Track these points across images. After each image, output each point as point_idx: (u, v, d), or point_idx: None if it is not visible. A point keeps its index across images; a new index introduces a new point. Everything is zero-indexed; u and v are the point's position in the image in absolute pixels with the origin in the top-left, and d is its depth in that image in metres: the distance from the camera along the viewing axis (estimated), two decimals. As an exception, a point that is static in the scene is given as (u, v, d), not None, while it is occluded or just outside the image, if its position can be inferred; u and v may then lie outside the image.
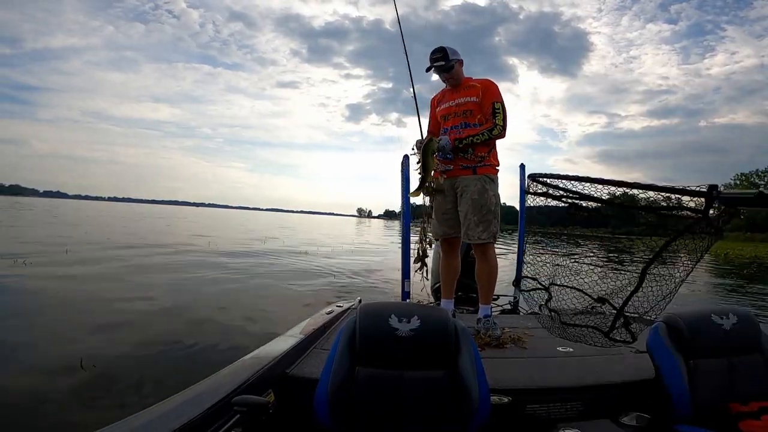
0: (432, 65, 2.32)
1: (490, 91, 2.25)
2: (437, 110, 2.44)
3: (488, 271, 2.26)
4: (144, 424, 0.96)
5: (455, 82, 2.35)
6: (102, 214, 34.89)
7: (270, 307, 4.93)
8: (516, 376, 1.53)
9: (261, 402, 1.10)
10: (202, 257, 9.45)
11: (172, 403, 1.06)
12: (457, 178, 2.27)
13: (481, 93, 2.26)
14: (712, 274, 13.11)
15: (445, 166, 2.30)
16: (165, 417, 0.99)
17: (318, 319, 2.09)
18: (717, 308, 1.46)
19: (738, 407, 1.30)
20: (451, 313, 1.34)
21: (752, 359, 1.40)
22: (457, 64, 2.32)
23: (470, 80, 2.36)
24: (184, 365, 2.95)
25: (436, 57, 2.30)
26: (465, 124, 2.28)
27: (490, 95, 2.25)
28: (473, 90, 2.30)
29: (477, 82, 2.33)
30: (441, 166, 2.28)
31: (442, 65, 2.28)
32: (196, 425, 0.99)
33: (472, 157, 2.24)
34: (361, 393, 1.14)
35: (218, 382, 1.23)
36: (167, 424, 0.95)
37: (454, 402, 1.15)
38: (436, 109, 2.45)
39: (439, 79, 2.40)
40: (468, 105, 2.29)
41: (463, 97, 2.31)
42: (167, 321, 4.05)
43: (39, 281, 5.51)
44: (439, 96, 2.46)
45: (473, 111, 2.27)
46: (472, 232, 2.20)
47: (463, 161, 2.25)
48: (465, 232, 2.24)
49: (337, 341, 1.20)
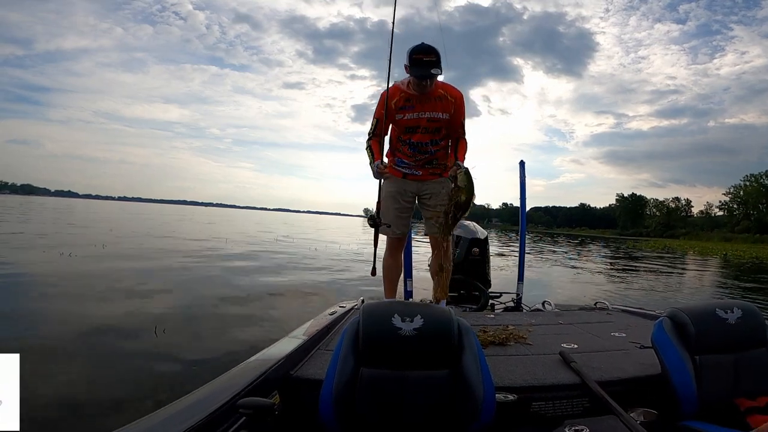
0: (422, 67, 2.04)
1: (461, 108, 2.22)
2: (400, 117, 2.21)
3: (447, 265, 2.34)
4: (149, 427, 0.96)
5: (428, 89, 2.13)
6: (115, 214, 35.52)
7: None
8: (521, 373, 1.52)
9: (266, 404, 1.11)
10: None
11: (177, 407, 1.07)
12: (425, 183, 2.33)
13: (454, 109, 2.19)
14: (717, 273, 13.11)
15: (413, 171, 2.32)
16: (170, 420, 0.99)
17: (321, 320, 2.09)
18: (721, 302, 1.45)
19: (746, 402, 1.29)
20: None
21: (758, 353, 1.39)
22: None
23: (438, 88, 2.17)
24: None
25: (431, 60, 2.04)
26: (434, 141, 2.25)
27: (461, 112, 2.22)
28: (445, 104, 2.18)
29: (448, 92, 2.18)
30: (407, 169, 2.32)
31: (435, 73, 2.05)
32: (201, 428, 0.99)
33: (437, 165, 2.33)
34: (366, 393, 1.14)
35: (223, 384, 1.23)
36: (172, 428, 0.95)
37: (459, 401, 1.14)
38: (397, 115, 2.21)
39: (406, 77, 2.15)
40: (439, 122, 2.21)
41: (435, 112, 2.18)
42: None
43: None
44: (401, 99, 2.19)
45: (441, 128, 2.23)
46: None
47: (433, 169, 2.33)
48: (437, 228, 2.23)
49: (341, 342, 1.20)
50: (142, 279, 6.04)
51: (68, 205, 55.82)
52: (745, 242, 47.45)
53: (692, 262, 19.86)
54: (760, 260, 22.36)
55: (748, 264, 19.21)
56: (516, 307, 3.08)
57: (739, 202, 73.33)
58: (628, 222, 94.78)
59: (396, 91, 2.20)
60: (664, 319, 1.46)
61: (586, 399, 1.42)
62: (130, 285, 5.56)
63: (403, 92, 2.19)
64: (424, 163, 2.30)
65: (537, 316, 2.56)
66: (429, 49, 2.05)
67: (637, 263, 13.71)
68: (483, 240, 3.29)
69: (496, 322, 2.30)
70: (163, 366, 2.93)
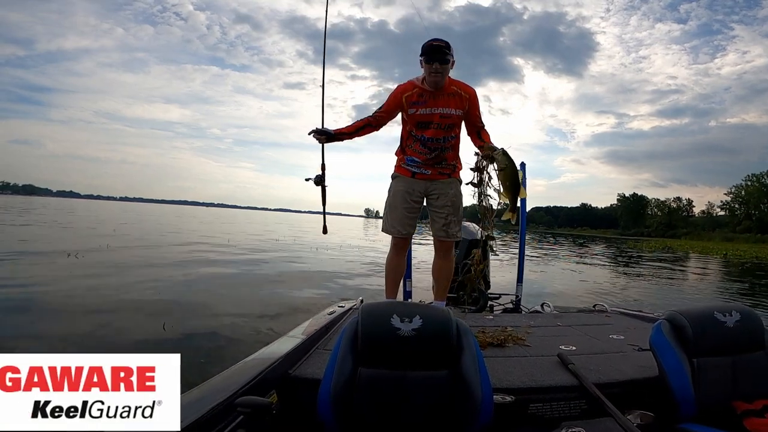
0: (434, 52, 2.10)
1: (475, 102, 2.25)
2: (412, 112, 2.22)
3: (450, 267, 2.40)
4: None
5: (440, 83, 2.15)
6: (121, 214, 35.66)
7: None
8: (519, 375, 1.52)
9: (264, 403, 1.11)
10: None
11: None
12: (433, 182, 2.33)
13: (469, 105, 2.22)
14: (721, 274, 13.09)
15: (422, 170, 2.32)
16: None
17: (320, 320, 2.10)
18: (720, 306, 1.46)
19: (743, 405, 1.30)
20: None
21: (756, 357, 1.39)
22: (452, 62, 2.15)
23: (452, 85, 2.20)
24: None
25: (440, 45, 2.10)
26: (446, 138, 2.26)
27: (476, 106, 2.25)
28: (459, 100, 2.20)
29: (462, 89, 2.21)
30: (417, 168, 2.32)
31: (447, 58, 2.10)
32: (199, 426, 0.99)
33: (446, 165, 2.33)
34: (364, 393, 1.14)
35: (221, 383, 1.23)
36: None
37: (457, 402, 1.15)
38: (410, 110, 2.22)
39: (423, 73, 2.17)
40: (452, 118, 2.22)
41: (448, 108, 2.19)
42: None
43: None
44: (414, 94, 2.21)
45: (455, 125, 2.25)
46: (452, 230, 2.31)
47: (442, 169, 2.33)
48: (443, 230, 2.31)
49: (339, 342, 1.20)
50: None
51: (70, 205, 56.03)
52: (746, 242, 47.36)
53: (692, 262, 19.84)
54: (760, 260, 22.35)
55: (748, 264, 19.19)
56: (515, 309, 3.07)
57: (740, 202, 73.16)
58: (629, 222, 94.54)
59: (410, 86, 2.23)
60: (662, 321, 1.46)
61: (583, 401, 1.42)
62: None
63: (416, 87, 2.21)
64: (434, 163, 2.30)
65: (536, 318, 2.57)
66: (440, 40, 2.12)
67: (629, 269, 13.64)
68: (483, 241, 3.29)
69: (495, 323, 2.30)
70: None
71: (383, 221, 2.41)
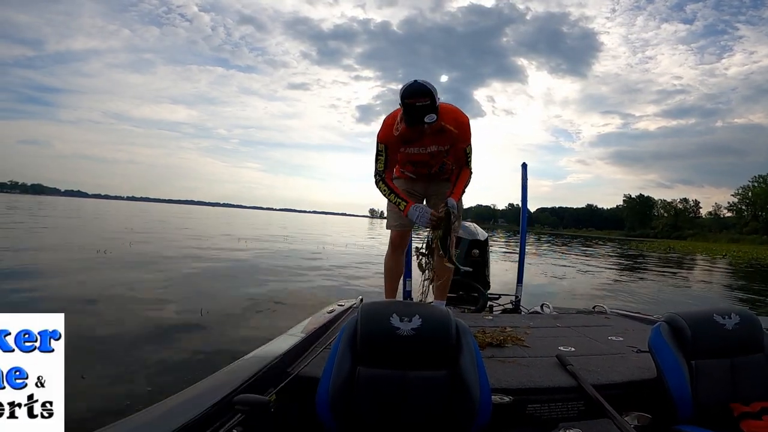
0: (414, 115, 1.80)
1: (464, 136, 2.10)
2: (402, 150, 2.10)
3: (449, 267, 2.31)
4: (144, 424, 0.96)
5: (427, 130, 1.94)
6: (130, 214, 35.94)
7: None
8: (517, 375, 1.52)
9: (262, 401, 1.11)
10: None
11: (172, 403, 1.07)
12: (433, 183, 2.34)
13: (456, 139, 2.09)
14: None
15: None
16: (165, 417, 0.99)
17: (319, 318, 2.10)
18: (719, 308, 1.45)
19: (740, 407, 1.29)
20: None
21: (754, 359, 1.38)
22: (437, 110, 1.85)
23: (440, 121, 1.95)
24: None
25: (424, 105, 1.78)
26: (441, 166, 2.24)
27: (462, 141, 2.11)
28: (447, 136, 2.06)
29: (450, 122, 2.02)
30: (414, 175, 2.31)
31: (428, 121, 1.82)
32: (196, 425, 1.00)
33: (445, 170, 2.29)
34: (363, 392, 1.14)
35: (219, 381, 1.24)
36: (167, 424, 0.95)
37: (456, 401, 1.15)
38: (401, 148, 2.08)
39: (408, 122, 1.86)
40: (441, 156, 2.17)
41: (437, 146, 2.09)
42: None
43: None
44: (405, 132, 1.99)
45: (448, 152, 2.17)
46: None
47: (441, 175, 2.31)
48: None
49: (339, 340, 1.21)
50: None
51: (79, 205, 56.47)
52: (752, 243, 46.88)
53: (692, 262, 19.68)
54: (758, 261, 22.21)
55: (744, 264, 19.07)
56: (514, 309, 3.07)
57: (747, 203, 72.57)
58: (635, 223, 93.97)
59: (398, 124, 2.01)
60: (661, 323, 1.46)
61: (581, 402, 1.42)
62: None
63: (401, 126, 1.99)
64: (432, 173, 2.30)
65: (535, 319, 2.56)
66: (422, 91, 1.79)
67: (625, 272, 13.47)
68: (483, 242, 3.29)
69: (494, 323, 2.30)
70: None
71: (387, 219, 2.42)
